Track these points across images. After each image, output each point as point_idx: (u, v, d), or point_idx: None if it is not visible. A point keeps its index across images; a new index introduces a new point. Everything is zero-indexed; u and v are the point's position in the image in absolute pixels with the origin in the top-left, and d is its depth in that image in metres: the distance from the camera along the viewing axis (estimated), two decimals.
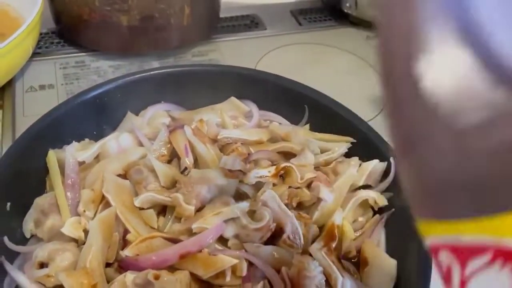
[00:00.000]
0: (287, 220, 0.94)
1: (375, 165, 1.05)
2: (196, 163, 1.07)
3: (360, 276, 0.94)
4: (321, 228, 0.99)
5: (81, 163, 1.05)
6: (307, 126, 1.21)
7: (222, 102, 1.25)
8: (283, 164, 1.02)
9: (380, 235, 1.02)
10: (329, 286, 0.88)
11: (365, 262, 0.96)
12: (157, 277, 0.79)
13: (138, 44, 1.52)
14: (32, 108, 1.33)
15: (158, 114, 1.21)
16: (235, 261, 0.84)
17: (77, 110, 1.11)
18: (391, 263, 0.93)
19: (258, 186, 1.02)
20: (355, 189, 1.05)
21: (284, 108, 1.25)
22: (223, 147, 1.10)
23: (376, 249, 0.98)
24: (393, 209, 1.02)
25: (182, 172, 1.06)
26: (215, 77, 1.25)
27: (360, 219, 1.04)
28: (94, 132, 1.16)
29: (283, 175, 1.04)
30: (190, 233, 0.92)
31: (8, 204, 0.95)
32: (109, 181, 0.96)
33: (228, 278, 0.83)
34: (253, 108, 1.24)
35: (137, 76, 1.18)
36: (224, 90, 1.25)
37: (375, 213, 1.05)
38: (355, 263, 0.97)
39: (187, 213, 0.94)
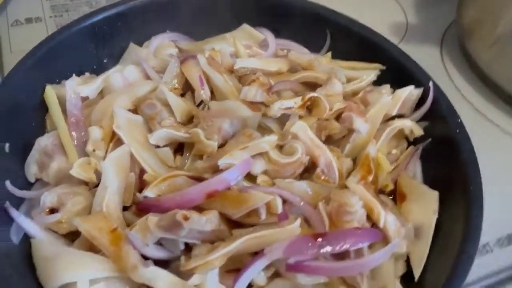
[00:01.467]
0: (320, 153, 0.85)
1: (410, 92, 0.95)
2: (213, 97, 0.96)
3: (399, 210, 0.87)
4: (353, 162, 0.92)
5: (83, 99, 0.94)
6: (329, 54, 1.11)
7: (233, 30, 1.13)
8: (310, 94, 0.92)
9: (416, 168, 0.94)
10: (369, 221, 0.81)
11: (402, 196, 0.89)
12: (186, 218, 0.71)
13: None
14: (19, 43, 1.20)
15: (164, 45, 1.09)
16: (270, 197, 0.75)
17: (74, 40, 0.98)
18: (432, 195, 0.86)
19: (282, 120, 0.93)
20: (387, 119, 0.96)
21: (302, 35, 1.13)
22: (241, 79, 1.00)
23: (414, 182, 0.91)
24: (430, 139, 0.94)
25: (198, 106, 0.95)
26: (225, 1, 1.12)
27: (394, 151, 0.96)
28: (94, 66, 1.04)
29: (309, 107, 0.94)
30: (215, 170, 0.83)
31: (7, 145, 0.85)
32: (120, 117, 0.85)
33: (263, 216, 0.75)
34: (268, 35, 1.12)
35: (139, 1, 1.04)
36: (235, 16, 1.13)
37: (409, 144, 0.97)
38: (391, 197, 0.90)
39: (209, 150, 0.84)
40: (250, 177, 0.83)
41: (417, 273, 0.79)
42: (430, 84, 0.93)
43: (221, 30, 1.13)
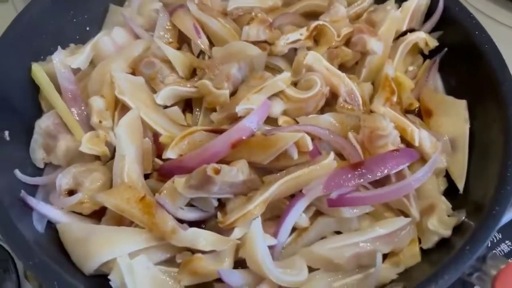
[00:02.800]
0: (339, 82, 0.80)
1: (417, 2, 0.90)
2: (211, 45, 0.90)
3: (428, 127, 0.84)
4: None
5: (75, 72, 0.86)
6: None
7: None
8: (315, 23, 0.86)
9: (436, 80, 0.90)
10: (404, 142, 0.77)
11: (428, 112, 0.85)
12: (217, 171, 0.66)
13: None
14: None
15: (146, 1, 1.00)
16: (299, 135, 0.71)
17: (50, 11, 0.90)
18: (460, 105, 0.82)
19: (289, 56, 0.87)
20: (398, 36, 0.91)
21: None
22: (236, 21, 0.92)
23: (438, 95, 0.87)
24: (446, 49, 0.89)
25: (197, 57, 0.89)
26: None
27: (411, 68, 0.91)
28: (77, 36, 0.95)
29: (315, 37, 0.88)
30: (232, 119, 0.78)
31: (6, 132, 0.78)
32: (121, 81, 0.79)
33: (295, 156, 0.71)
34: None
35: None
36: None
37: (425, 59, 0.92)
38: (416, 115, 0.86)
39: (221, 99, 0.79)
40: (270, 120, 0.78)
41: (460, 185, 0.76)
42: None
43: None
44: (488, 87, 0.79)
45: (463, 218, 0.71)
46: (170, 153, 0.73)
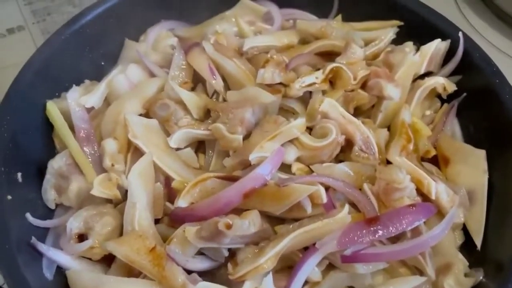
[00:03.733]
0: (355, 129, 0.79)
1: (436, 46, 0.88)
2: (225, 85, 0.89)
3: (445, 176, 0.82)
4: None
5: (89, 110, 0.86)
6: (339, 17, 1.02)
7: (232, 8, 1.04)
8: (331, 66, 0.85)
9: (454, 126, 0.89)
10: (419, 194, 0.75)
11: (445, 160, 0.83)
12: (229, 227, 0.65)
13: None
14: (6, 58, 1.10)
15: (161, 36, 1.00)
16: (313, 188, 0.70)
17: (66, 47, 0.90)
18: (479, 154, 0.80)
19: (304, 98, 0.86)
20: (415, 79, 0.89)
21: (306, 0, 1.04)
22: (252, 60, 0.92)
23: (456, 143, 0.85)
24: (465, 94, 0.87)
25: (211, 99, 0.88)
26: None
27: (428, 112, 0.90)
28: (92, 71, 0.96)
29: (331, 79, 0.87)
30: (245, 165, 0.77)
31: (19, 174, 0.78)
32: (135, 124, 0.79)
33: (309, 209, 0.70)
34: (271, 7, 1.03)
35: None
36: None
37: (442, 102, 0.91)
38: (433, 162, 0.85)
39: (235, 144, 0.78)
40: (284, 166, 0.77)
41: (478, 241, 0.74)
42: (460, 34, 0.86)
43: (218, 9, 1.04)
44: (508, 137, 0.77)
45: (481, 278, 0.69)
46: (181, 202, 0.72)
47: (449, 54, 0.89)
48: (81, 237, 0.75)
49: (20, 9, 1.22)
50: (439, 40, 0.88)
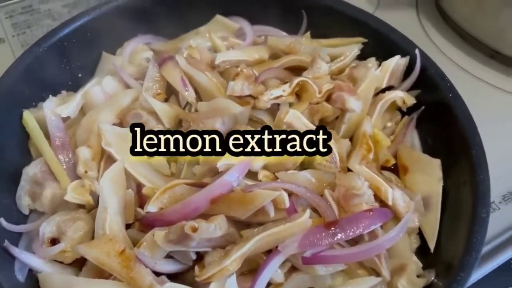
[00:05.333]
0: None
1: (397, 62, 0.94)
2: (198, 96, 0.93)
3: (403, 184, 0.87)
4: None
5: (65, 120, 0.90)
6: (308, 34, 1.08)
7: (206, 24, 1.09)
8: (297, 79, 0.90)
9: (413, 138, 0.94)
10: (378, 200, 0.80)
11: (404, 168, 0.88)
12: (195, 229, 0.69)
13: None
14: None
15: (138, 49, 1.04)
16: (276, 193, 0.74)
17: (44, 58, 0.93)
18: (434, 164, 0.85)
19: (272, 110, 0.91)
20: (377, 92, 0.95)
21: (277, 18, 1.10)
22: (223, 73, 0.96)
23: (414, 153, 0.90)
24: (423, 107, 0.93)
25: (184, 109, 0.92)
26: None
27: (389, 124, 0.95)
28: (70, 83, 0.99)
29: (298, 92, 0.92)
30: (214, 173, 0.80)
31: None
32: (108, 133, 0.82)
33: (272, 213, 0.74)
34: (244, 23, 1.09)
35: (105, 8, 0.99)
36: (205, 8, 1.09)
37: (403, 115, 0.96)
38: (392, 171, 0.90)
39: None
40: (251, 173, 0.81)
41: (432, 245, 0.78)
42: (417, 51, 0.92)
43: (193, 25, 1.09)
44: (460, 149, 0.82)
45: (432, 278, 0.73)
46: (151, 207, 0.75)
47: (409, 70, 0.95)
48: (54, 241, 0.78)
49: (1, 21, 1.25)
50: (399, 56, 0.94)
